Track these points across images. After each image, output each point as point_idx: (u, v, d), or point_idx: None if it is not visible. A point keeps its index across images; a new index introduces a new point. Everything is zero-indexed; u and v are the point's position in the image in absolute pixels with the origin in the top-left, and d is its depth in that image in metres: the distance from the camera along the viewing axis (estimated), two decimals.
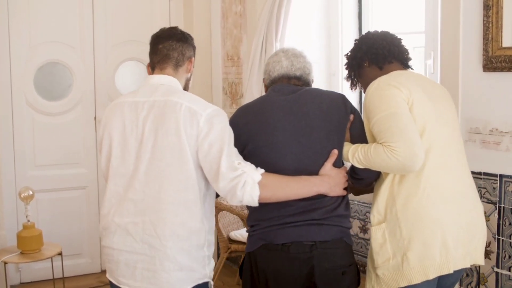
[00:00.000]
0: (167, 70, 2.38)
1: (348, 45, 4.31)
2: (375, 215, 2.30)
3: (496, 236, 3.14)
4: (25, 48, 4.56)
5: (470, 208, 2.33)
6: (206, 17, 5.01)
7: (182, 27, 4.91)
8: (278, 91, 2.43)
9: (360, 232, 4.19)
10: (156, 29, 2.51)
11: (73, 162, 4.79)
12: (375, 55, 2.47)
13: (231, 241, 4.18)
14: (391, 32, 2.58)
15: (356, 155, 2.26)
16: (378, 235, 2.28)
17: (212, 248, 2.33)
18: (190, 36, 2.48)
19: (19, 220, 4.40)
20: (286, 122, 2.32)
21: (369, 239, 2.97)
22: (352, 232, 3.53)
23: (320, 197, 2.28)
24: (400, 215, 2.22)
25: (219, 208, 4.05)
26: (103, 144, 2.33)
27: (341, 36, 4.76)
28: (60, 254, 4.06)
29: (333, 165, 2.31)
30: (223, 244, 4.14)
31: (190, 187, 2.19)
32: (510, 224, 3.07)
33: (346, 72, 2.63)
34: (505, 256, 3.11)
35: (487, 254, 3.19)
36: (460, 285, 3.34)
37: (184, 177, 2.18)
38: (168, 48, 2.38)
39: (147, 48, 2.48)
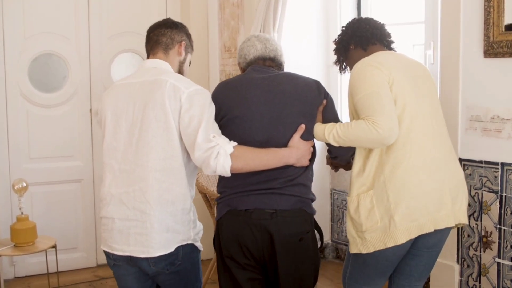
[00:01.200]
0: (158, 54, 2.59)
1: None
2: (361, 185, 2.49)
3: (498, 226, 3.08)
4: (20, 39, 4.48)
5: (452, 174, 2.54)
6: (203, 7, 4.95)
7: (178, 18, 4.93)
8: (257, 70, 2.61)
9: None
10: (152, 20, 2.60)
11: (68, 155, 4.71)
12: (360, 38, 2.69)
13: None
14: (384, 21, 2.81)
15: (333, 131, 2.44)
16: (366, 201, 2.47)
17: (195, 213, 2.51)
18: (181, 24, 2.68)
19: (13, 214, 4.33)
20: (261, 98, 2.49)
21: None
22: None
23: (283, 168, 2.44)
24: (388, 182, 2.42)
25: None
26: (101, 124, 2.55)
27: (340, 27, 4.70)
28: (54, 247, 4.00)
29: (301, 138, 2.47)
30: None
31: (175, 155, 2.38)
32: None
33: (335, 57, 2.84)
34: (507, 246, 3.06)
35: (488, 244, 3.14)
36: (461, 276, 3.28)
37: (169, 146, 2.37)
38: (158, 34, 2.60)
39: (143, 40, 2.59)
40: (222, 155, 2.30)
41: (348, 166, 2.70)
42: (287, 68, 2.86)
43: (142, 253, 2.40)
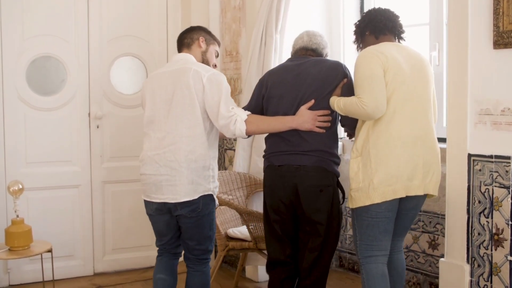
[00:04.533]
0: (183, 50, 3.38)
1: (349, 38, 4.20)
2: (354, 151, 3.03)
3: (510, 222, 2.99)
4: (18, 41, 4.42)
5: (427, 151, 2.99)
6: (204, 12, 4.90)
7: (179, 21, 4.88)
8: (293, 60, 3.36)
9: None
10: (153, 24, 3.13)
11: (66, 160, 4.61)
12: (374, 27, 3.13)
13: (229, 238, 4.01)
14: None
15: (337, 103, 3.06)
16: (354, 166, 3.02)
17: (216, 170, 3.23)
18: (198, 26, 3.47)
19: (9, 218, 4.21)
20: (291, 81, 3.23)
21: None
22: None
23: (306, 138, 3.15)
24: (371, 151, 2.96)
25: (219, 203, 3.88)
26: (142, 104, 3.35)
27: (343, 28, 4.66)
28: (50, 251, 3.89)
29: (312, 109, 3.13)
30: (220, 241, 3.96)
31: (198, 125, 3.12)
32: None
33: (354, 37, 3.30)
34: None
35: (500, 242, 3.04)
36: (471, 277, 3.17)
37: (194, 118, 3.11)
38: (181, 38, 3.41)
39: (143, 44, 3.06)
40: (238, 122, 3.07)
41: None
42: None
43: (172, 199, 3.14)
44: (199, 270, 3.30)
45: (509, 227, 2.98)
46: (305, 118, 3.12)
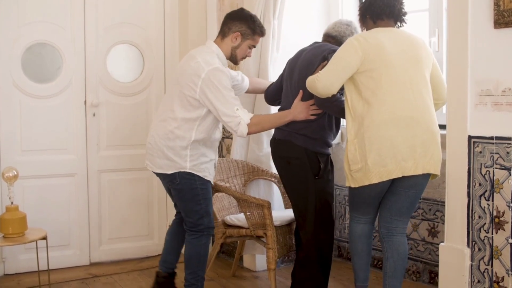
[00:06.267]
0: (217, 39, 3.56)
1: None
2: (351, 134, 3.12)
3: (511, 205, 2.93)
4: (13, 27, 4.36)
5: (424, 131, 3.04)
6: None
7: (176, 10, 4.83)
8: (310, 45, 3.62)
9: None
10: (150, 12, 3.04)
11: (62, 148, 4.56)
12: (372, 11, 3.22)
13: (227, 226, 3.96)
14: None
15: (309, 79, 3.22)
16: (352, 148, 3.11)
17: (199, 152, 3.46)
18: (245, 16, 3.51)
19: (4, 206, 4.15)
20: (299, 66, 3.52)
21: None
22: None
23: (298, 123, 3.43)
24: (365, 133, 3.04)
25: (216, 189, 3.84)
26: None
27: (341, 14, 4.61)
28: (45, 238, 3.84)
29: (303, 99, 3.41)
30: (218, 229, 3.91)
31: (187, 111, 3.39)
32: None
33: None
34: None
35: (500, 225, 2.99)
36: (472, 261, 3.12)
37: (185, 103, 3.39)
38: (224, 22, 3.54)
39: (140, 31, 2.98)
40: (242, 125, 3.30)
41: (342, 114, 3.28)
42: (289, 54, 3.73)
43: (151, 168, 3.56)
44: (189, 241, 3.54)
45: (510, 209, 2.93)
46: (299, 109, 3.40)
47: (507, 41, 2.90)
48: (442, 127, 3.26)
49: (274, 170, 4.09)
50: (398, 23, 3.25)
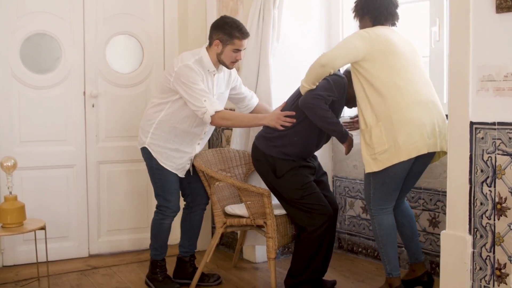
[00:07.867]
0: (207, 46, 3.81)
1: (349, 16, 4.16)
2: (373, 118, 3.36)
3: None
4: (12, 17, 4.34)
5: (439, 114, 3.42)
6: None
7: (175, 0, 4.80)
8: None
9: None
10: (149, 2, 2.86)
11: (61, 139, 4.55)
12: (372, 14, 3.49)
13: (227, 215, 3.93)
14: None
15: (302, 80, 3.57)
16: (377, 130, 3.34)
17: (161, 134, 3.80)
18: (220, 23, 3.74)
19: (2, 196, 4.12)
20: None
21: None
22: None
23: (269, 128, 3.71)
24: (393, 115, 3.30)
25: (215, 178, 3.81)
26: None
27: (342, 4, 4.59)
28: (43, 228, 3.81)
29: (285, 110, 3.69)
30: (218, 218, 3.88)
31: (162, 97, 3.80)
32: None
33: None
34: None
35: (502, 211, 2.96)
36: (474, 248, 3.09)
37: (161, 89, 3.83)
38: (209, 33, 3.82)
39: (139, 22, 2.99)
40: (207, 115, 3.63)
41: (323, 123, 3.54)
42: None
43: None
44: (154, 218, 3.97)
45: None
46: (273, 117, 3.67)
47: (510, 25, 2.87)
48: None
49: None
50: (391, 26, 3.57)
